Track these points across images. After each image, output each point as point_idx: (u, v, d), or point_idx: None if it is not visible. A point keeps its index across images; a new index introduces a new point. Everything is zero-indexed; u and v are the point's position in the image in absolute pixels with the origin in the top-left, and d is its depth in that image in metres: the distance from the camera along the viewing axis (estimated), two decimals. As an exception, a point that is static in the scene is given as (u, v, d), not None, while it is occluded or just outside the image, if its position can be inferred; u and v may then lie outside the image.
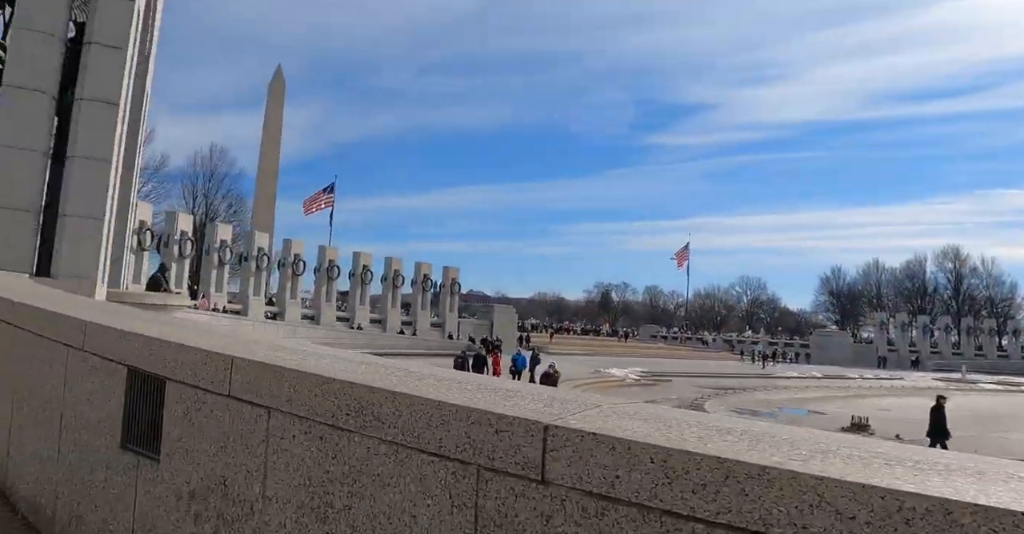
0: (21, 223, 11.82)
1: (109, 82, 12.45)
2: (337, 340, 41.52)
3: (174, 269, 33.04)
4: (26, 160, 11.91)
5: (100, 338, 3.27)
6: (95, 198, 12.16)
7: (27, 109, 11.98)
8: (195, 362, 2.55)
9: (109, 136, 12.37)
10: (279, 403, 2.16)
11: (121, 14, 12.65)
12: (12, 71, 12.11)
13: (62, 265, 11.96)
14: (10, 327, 4.46)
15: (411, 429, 1.76)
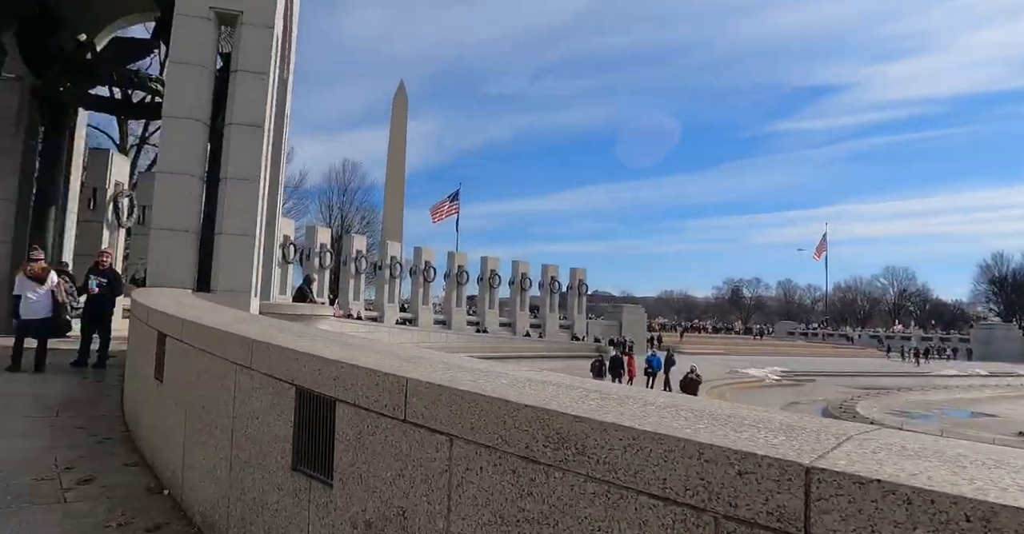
0: (183, 243, 12.74)
1: (254, 106, 13.19)
2: (469, 344, 42.40)
3: (316, 280, 34.73)
4: (186, 184, 12.83)
5: (266, 356, 3.31)
6: (247, 216, 12.92)
7: (184, 137, 12.91)
8: (366, 383, 2.50)
9: (256, 157, 13.11)
10: (462, 430, 2.04)
11: (262, 42, 13.39)
12: (170, 103, 13.10)
13: (219, 280, 12.78)
14: (181, 344, 4.69)
15: (626, 466, 1.57)
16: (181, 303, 6.56)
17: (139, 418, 6.21)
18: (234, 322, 4.27)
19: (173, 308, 5.70)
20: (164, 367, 5.13)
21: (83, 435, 6.42)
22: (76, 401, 8.08)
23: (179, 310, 5.48)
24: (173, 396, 4.84)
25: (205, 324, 4.23)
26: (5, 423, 6.71)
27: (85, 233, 20.33)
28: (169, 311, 5.22)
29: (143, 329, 6.42)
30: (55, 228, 17.97)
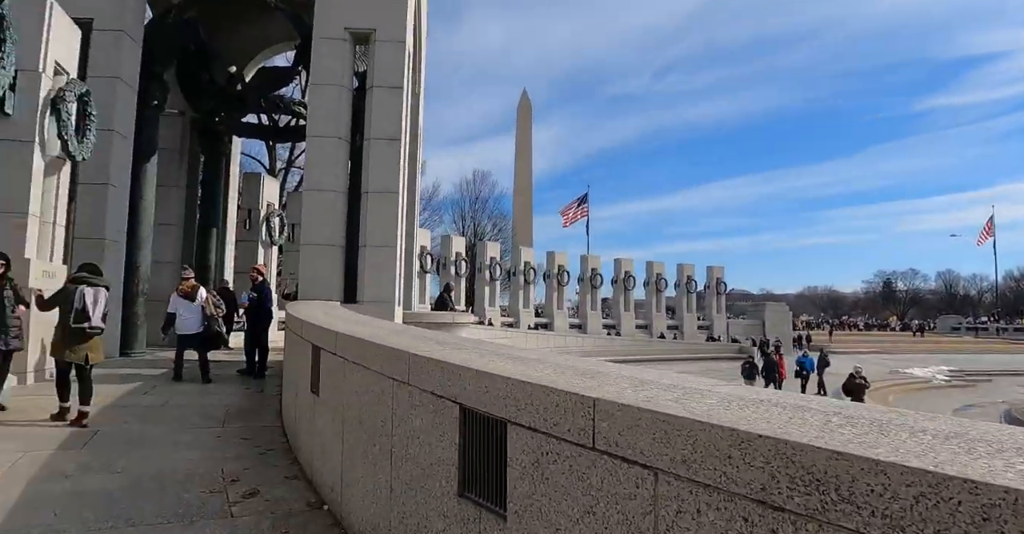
0: (330, 257, 13.21)
1: (391, 120, 13.49)
2: (605, 347, 41.78)
3: (455, 288, 35.45)
4: (330, 201, 13.31)
5: (426, 372, 3.12)
6: (388, 228, 13.21)
7: (327, 155, 13.40)
8: (543, 403, 2.21)
9: (394, 170, 13.39)
10: (670, 463, 1.70)
11: (395, 57, 13.69)
12: (313, 123, 13.65)
13: (365, 291, 13.13)
14: (335, 358, 4.64)
15: (920, 521, 1.18)
16: (332, 315, 6.64)
17: (297, 430, 6.31)
18: (389, 334, 4.15)
19: (326, 321, 5.74)
20: (320, 380, 5.13)
21: (246, 446, 6.63)
22: (239, 412, 8.43)
23: (332, 322, 5.49)
24: (330, 410, 4.81)
25: (359, 337, 4.13)
26: (178, 434, 7.07)
27: (243, 252, 21.71)
28: (322, 324, 5.23)
29: (298, 342, 6.54)
30: (216, 248, 19.29)
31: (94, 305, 7.61)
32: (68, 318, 7.55)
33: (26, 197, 10.20)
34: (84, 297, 7.57)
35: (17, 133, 10.26)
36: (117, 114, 13.73)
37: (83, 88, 11.19)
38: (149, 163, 15.16)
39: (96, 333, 7.68)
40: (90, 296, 7.63)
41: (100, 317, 7.67)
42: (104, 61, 13.75)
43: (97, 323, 7.63)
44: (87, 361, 7.61)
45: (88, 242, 13.24)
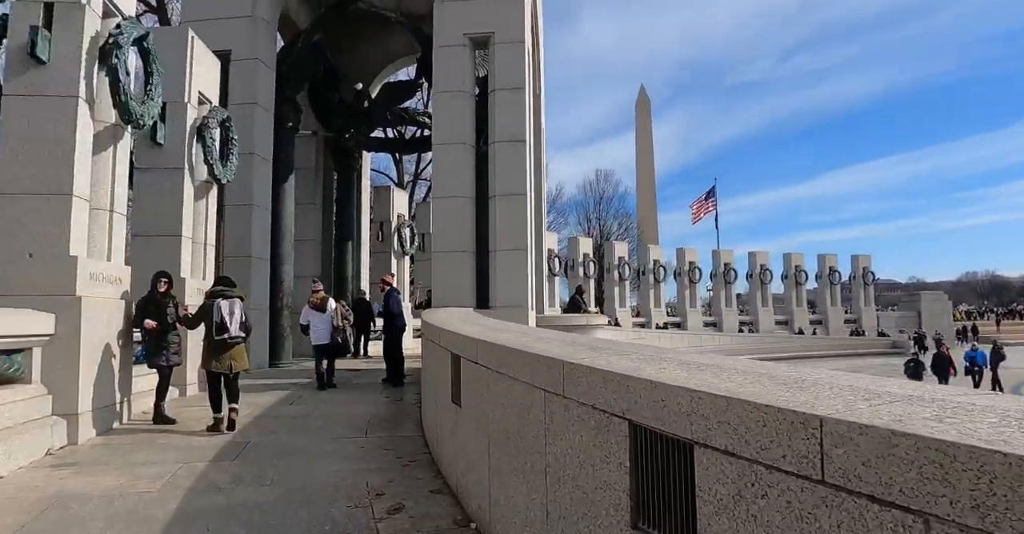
0: (461, 263, 13.17)
1: (514, 122, 13.31)
2: (744, 346, 39.95)
3: (587, 290, 35.07)
4: (459, 207, 13.29)
5: (583, 382, 2.74)
6: (517, 231, 13.01)
7: (454, 162, 13.40)
8: (745, 422, 1.77)
9: (521, 171, 13.19)
10: (952, 510, 1.23)
11: (515, 57, 13.50)
12: (438, 131, 13.71)
13: (497, 296, 12.99)
14: (477, 366, 4.36)
15: None
16: (469, 321, 6.42)
17: (439, 441, 6.13)
18: (535, 341, 3.82)
19: (464, 328, 5.50)
20: (461, 391, 4.89)
21: (389, 457, 6.52)
22: (380, 422, 8.42)
23: (470, 329, 5.24)
24: (473, 422, 4.54)
25: (502, 344, 3.82)
26: (322, 444, 7.10)
27: (377, 263, 22.35)
28: (461, 331, 4.98)
29: (435, 350, 6.37)
30: (352, 261, 19.92)
31: (230, 316, 7.95)
32: (211, 331, 7.96)
33: (179, 220, 10.82)
34: (221, 310, 7.94)
35: (168, 161, 10.89)
36: (256, 137, 14.40)
37: (224, 114, 11.76)
38: (287, 182, 15.82)
39: (236, 342, 8.02)
40: (226, 308, 7.98)
41: (238, 326, 8.00)
42: (242, 88, 14.47)
43: (236, 333, 7.97)
44: (231, 369, 7.98)
45: (236, 260, 13.94)
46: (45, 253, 7.36)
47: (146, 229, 10.83)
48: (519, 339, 4.02)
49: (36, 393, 7.08)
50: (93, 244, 8.26)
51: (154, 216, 10.81)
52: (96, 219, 8.35)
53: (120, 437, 7.59)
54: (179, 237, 10.76)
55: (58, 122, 7.53)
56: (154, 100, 8.80)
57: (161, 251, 10.69)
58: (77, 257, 7.43)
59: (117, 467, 6.24)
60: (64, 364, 7.30)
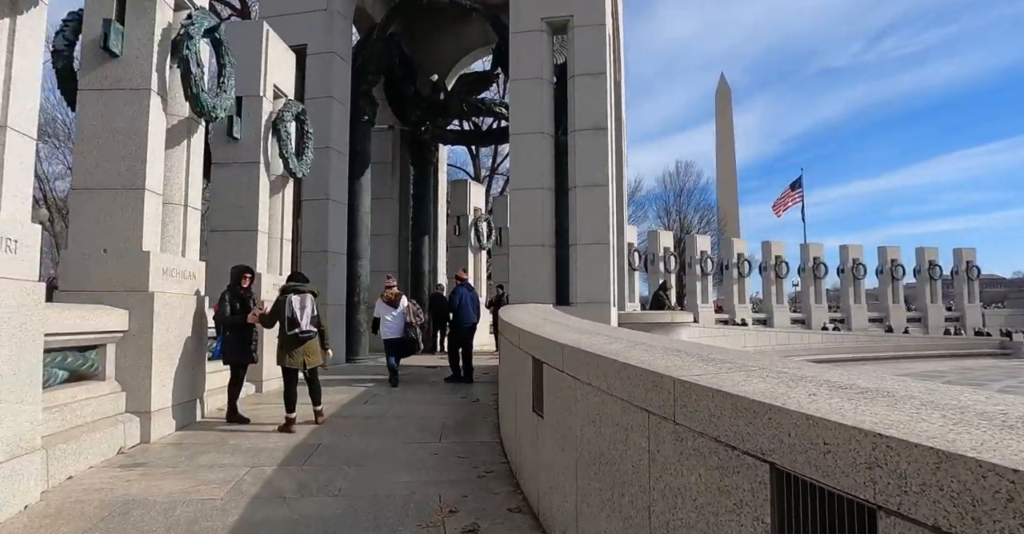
0: (539, 257, 12.65)
1: (595, 108, 12.67)
2: (834, 345, 38.01)
3: (672, 285, 34.14)
4: (537, 199, 12.76)
5: (701, 407, 2.14)
6: (598, 224, 12.38)
7: (531, 152, 12.88)
8: (972, 490, 1.17)
9: (602, 161, 12.54)
10: None
11: (595, 41, 12.85)
12: (515, 120, 13.21)
13: (578, 292, 12.41)
14: (563, 375, 3.81)
15: None
16: (551, 321, 5.87)
17: (519, 452, 5.62)
18: (632, 348, 3.23)
19: (546, 329, 4.96)
20: (543, 400, 4.35)
21: (464, 467, 6.06)
22: (456, 425, 8.00)
23: (553, 331, 4.69)
24: (557, 436, 4.00)
25: (593, 352, 3.26)
26: (395, 449, 6.71)
27: (454, 258, 22.10)
28: (543, 333, 4.44)
29: (514, 351, 5.86)
30: (429, 255, 19.69)
31: (301, 311, 7.85)
32: (283, 327, 7.88)
33: (255, 215, 10.72)
34: (292, 305, 7.86)
35: (244, 155, 10.80)
36: (332, 131, 14.26)
37: (299, 108, 11.60)
38: (363, 176, 15.66)
39: (308, 337, 7.90)
40: (297, 303, 7.88)
41: (308, 321, 7.87)
42: (318, 82, 14.37)
43: (307, 328, 7.85)
44: (305, 366, 7.89)
45: (313, 255, 13.85)
46: (119, 248, 7.25)
47: (223, 224, 10.78)
48: (611, 345, 3.45)
49: (110, 390, 6.97)
50: (167, 239, 8.15)
51: (231, 211, 10.74)
52: (170, 214, 8.24)
53: (192, 436, 7.43)
54: (255, 232, 10.66)
55: (131, 115, 7.40)
56: (227, 92, 8.62)
57: (237, 246, 10.61)
58: (149, 252, 7.28)
59: (184, 470, 6.01)
60: (137, 361, 7.18)
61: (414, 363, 14.20)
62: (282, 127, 10.97)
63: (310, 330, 7.90)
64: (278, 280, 11.19)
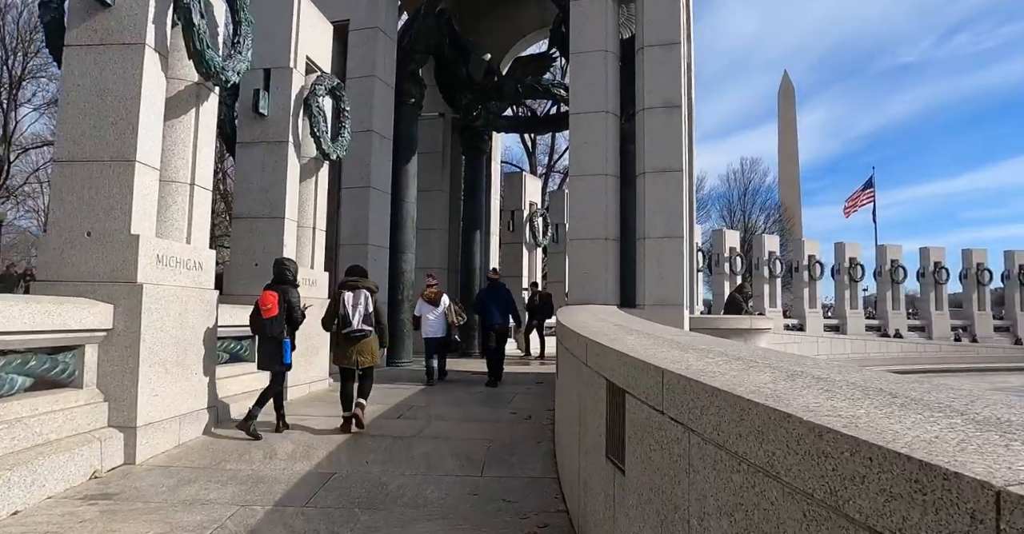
0: (602, 253, 11.14)
1: (667, 83, 11.10)
2: (918, 355, 35.33)
3: (727, 287, 32.12)
4: (600, 187, 11.26)
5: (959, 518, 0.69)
6: (672, 215, 10.80)
7: (595, 133, 11.38)
8: None
9: (676, 142, 10.96)
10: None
11: (669, 7, 11.27)
12: (576, 99, 11.72)
13: (646, 292, 10.85)
14: (662, 418, 2.34)
15: None
16: (631, 329, 4.36)
17: (583, 503, 4.15)
18: (797, 382, 1.75)
19: (626, 340, 3.49)
20: (626, 449, 2.88)
21: (510, 517, 4.62)
22: (502, 449, 6.58)
23: (638, 344, 3.21)
24: (651, 511, 2.53)
25: (728, 390, 1.77)
26: (424, 486, 5.31)
27: (507, 255, 20.73)
28: (625, 349, 2.95)
29: (577, 368, 4.39)
30: (480, 252, 18.36)
31: (353, 308, 7.44)
32: (338, 325, 7.53)
33: (282, 200, 9.53)
34: (345, 302, 7.46)
35: (272, 134, 9.64)
36: (375, 113, 13.05)
37: (334, 81, 10.38)
38: (409, 164, 14.41)
39: (360, 336, 7.47)
40: (349, 300, 7.48)
41: (360, 320, 7.44)
42: (361, 60, 13.18)
43: (358, 326, 7.42)
44: (358, 365, 7.50)
45: (352, 248, 12.66)
46: (103, 230, 6.09)
47: (247, 210, 9.62)
48: (751, 375, 1.97)
49: (87, 401, 5.79)
50: (168, 223, 6.98)
51: (255, 196, 9.58)
52: (173, 194, 7.06)
53: (187, 455, 6.21)
54: (282, 219, 9.46)
55: (121, 75, 6.23)
56: (241, 54, 7.41)
57: (261, 235, 9.45)
58: (139, 236, 6.09)
59: (158, 506, 4.75)
60: (122, 366, 5.99)
61: (461, 368, 12.87)
62: (313, 102, 9.76)
63: (362, 329, 7.43)
64: (309, 274, 10.00)
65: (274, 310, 7.05)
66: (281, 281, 7.31)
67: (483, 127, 17.55)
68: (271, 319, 7.07)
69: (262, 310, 7.08)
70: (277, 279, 7.33)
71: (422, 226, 16.71)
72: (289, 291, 7.26)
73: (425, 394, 9.70)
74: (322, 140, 9.86)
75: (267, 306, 7.05)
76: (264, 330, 7.14)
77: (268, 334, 7.13)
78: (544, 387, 10.55)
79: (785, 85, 69.53)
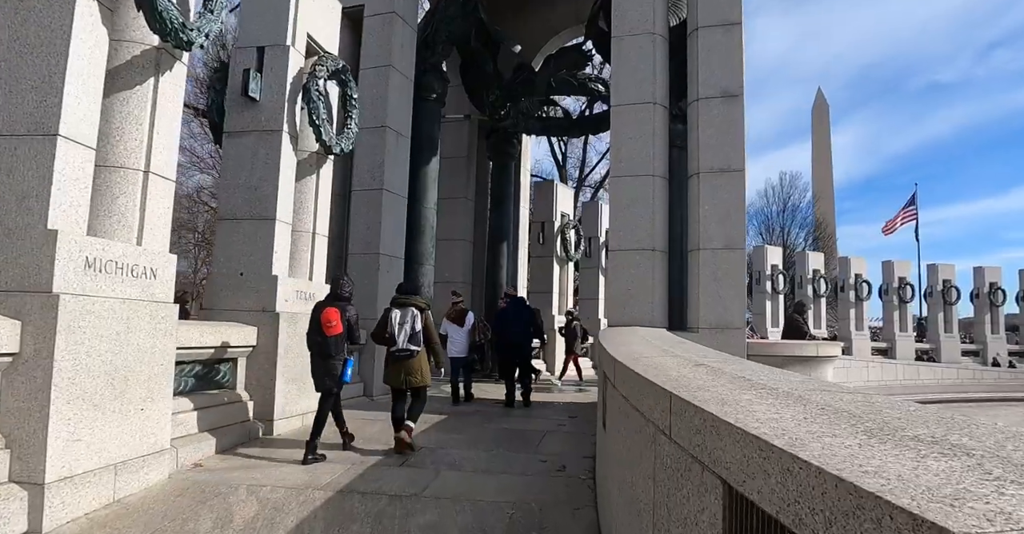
0: (648, 265, 9.53)
1: (726, 69, 9.53)
2: (975, 382, 32.90)
3: (768, 306, 30.30)
4: (646, 190, 9.68)
5: None
6: (731, 222, 9.18)
7: (639, 127, 9.83)
8: None
9: (736, 138, 9.37)
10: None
11: (727, -19, 9.73)
12: (619, 89, 10.19)
13: (700, 313, 9.21)
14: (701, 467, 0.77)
15: None
16: (729, 373, 2.73)
17: None
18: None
19: (734, 397, 1.89)
20: None
21: None
22: (528, 517, 4.98)
23: (770, 417, 1.61)
24: None
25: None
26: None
27: (536, 269, 19.20)
28: (760, 433, 1.39)
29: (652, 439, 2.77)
30: (508, 265, 16.84)
31: (399, 327, 7.21)
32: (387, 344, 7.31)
33: (274, 199, 8.11)
34: (392, 320, 7.26)
35: (263, 122, 8.25)
36: (391, 108, 11.65)
37: (338, 63, 8.98)
38: (429, 166, 12.98)
39: (406, 356, 7.19)
40: (396, 318, 7.26)
41: (406, 339, 7.20)
42: (376, 48, 11.81)
43: (403, 345, 7.18)
44: (407, 385, 7.24)
45: (361, 258, 11.22)
46: (12, 225, 4.68)
47: (232, 210, 8.21)
48: None
49: None
50: (111, 218, 5.57)
51: (243, 193, 8.18)
52: (119, 182, 5.65)
53: (112, 524, 4.72)
54: (272, 221, 8.03)
55: (41, 22, 4.86)
56: (214, 14, 6.01)
57: (248, 239, 8.04)
58: (57, 232, 4.66)
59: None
60: (27, 402, 4.54)
61: (482, 395, 11.31)
62: (313, 86, 8.36)
63: (408, 349, 7.19)
64: (305, 286, 8.55)
65: (338, 327, 6.81)
66: (338, 297, 7.04)
67: (512, 129, 16.09)
68: (336, 337, 6.81)
69: (325, 327, 6.78)
70: (333, 295, 7.09)
71: (444, 236, 15.28)
72: (348, 308, 7.02)
73: (438, 430, 8.15)
74: (322, 129, 8.45)
75: (331, 323, 6.78)
76: (325, 348, 6.82)
77: (329, 352, 6.82)
78: (579, 423, 8.95)
79: (819, 103, 68.32)
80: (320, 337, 6.80)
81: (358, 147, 11.35)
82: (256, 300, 7.88)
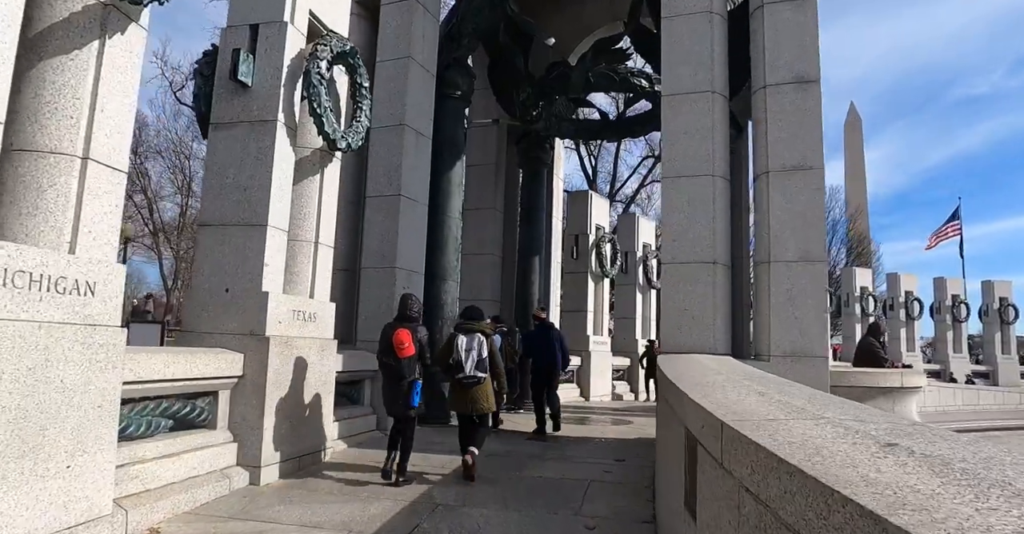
0: (709, 281, 8.08)
1: (800, 51, 8.11)
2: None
3: (858, 331, 28.50)
4: (702, 191, 8.26)
5: None
6: (810, 229, 7.70)
7: (696, 120, 8.43)
8: None
9: (812, 130, 7.91)
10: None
11: (799, -52, 8.33)
12: (669, 76, 8.81)
13: (772, 337, 7.71)
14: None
15: None
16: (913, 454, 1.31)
17: None
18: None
19: None
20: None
21: None
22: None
23: None
24: None
25: None
26: None
27: (570, 285, 17.76)
28: None
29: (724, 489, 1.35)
30: (540, 281, 15.45)
31: (467, 354, 6.99)
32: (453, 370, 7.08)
33: (265, 201, 6.84)
34: (459, 346, 7.04)
35: (257, 111, 7.00)
36: (410, 104, 10.39)
37: (345, 45, 7.72)
38: (453, 171, 11.67)
39: (472, 383, 6.98)
40: (463, 344, 7.03)
41: (473, 366, 6.97)
42: (393, 38, 10.59)
43: (470, 372, 6.97)
44: (474, 412, 7.09)
45: (376, 272, 9.92)
46: None
47: (218, 215, 6.93)
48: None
49: None
50: (38, 217, 4.30)
51: (230, 195, 6.92)
52: (47, 171, 4.40)
53: None
54: (263, 227, 6.75)
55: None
56: None
57: (235, 249, 6.76)
58: None
59: None
60: None
61: (510, 427, 9.90)
62: (314, 69, 7.11)
63: (475, 375, 6.97)
64: (305, 305, 7.25)
65: (411, 349, 6.70)
66: (407, 318, 6.94)
67: (544, 132, 14.77)
68: (408, 359, 6.71)
69: (397, 349, 6.65)
70: (402, 316, 6.98)
71: (470, 250, 13.99)
72: (418, 329, 6.98)
73: (459, 483, 6.72)
74: (324, 120, 7.17)
75: (403, 345, 6.65)
76: (398, 371, 6.71)
77: (402, 375, 6.71)
78: (628, 469, 7.47)
79: (851, 118, 66.81)
80: (393, 360, 6.71)
81: (373, 147, 10.11)
82: (243, 321, 6.59)
